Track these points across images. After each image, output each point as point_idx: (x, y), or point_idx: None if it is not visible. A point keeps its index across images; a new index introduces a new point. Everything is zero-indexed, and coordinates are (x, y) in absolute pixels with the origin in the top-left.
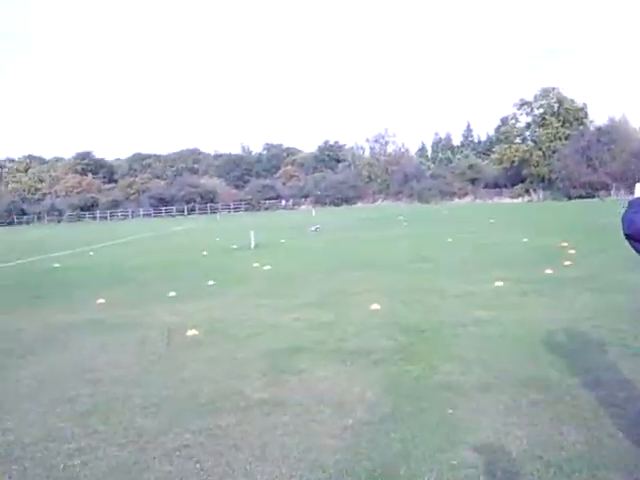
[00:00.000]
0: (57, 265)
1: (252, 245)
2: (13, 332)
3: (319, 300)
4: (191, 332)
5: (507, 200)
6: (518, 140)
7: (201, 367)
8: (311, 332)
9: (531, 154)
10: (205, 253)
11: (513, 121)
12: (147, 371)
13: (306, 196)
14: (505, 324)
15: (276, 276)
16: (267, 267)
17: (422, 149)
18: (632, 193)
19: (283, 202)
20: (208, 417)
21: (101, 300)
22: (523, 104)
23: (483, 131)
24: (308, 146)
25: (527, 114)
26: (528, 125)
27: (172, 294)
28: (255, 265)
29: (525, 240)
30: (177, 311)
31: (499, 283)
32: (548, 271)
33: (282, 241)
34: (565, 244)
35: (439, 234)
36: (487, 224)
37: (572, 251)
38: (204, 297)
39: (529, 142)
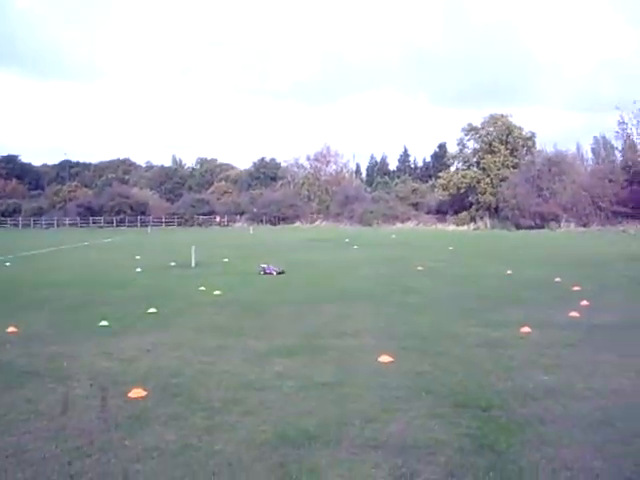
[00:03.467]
0: None
1: (193, 263)
2: None
3: (302, 343)
4: (135, 392)
5: (452, 227)
6: (464, 166)
7: (159, 476)
8: (314, 402)
9: (478, 181)
10: (139, 270)
11: (460, 147)
12: None
13: (241, 213)
14: (593, 398)
15: (232, 305)
16: (217, 292)
17: (357, 171)
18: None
19: (217, 218)
20: None
21: (12, 328)
22: (471, 129)
23: (420, 156)
24: (242, 162)
25: (475, 140)
26: (475, 151)
27: (104, 323)
28: (202, 289)
29: (509, 272)
30: (112, 351)
31: (526, 329)
32: (573, 314)
33: (225, 260)
34: (558, 279)
35: (403, 260)
36: (448, 251)
37: (576, 288)
38: (146, 330)
39: (475, 169)
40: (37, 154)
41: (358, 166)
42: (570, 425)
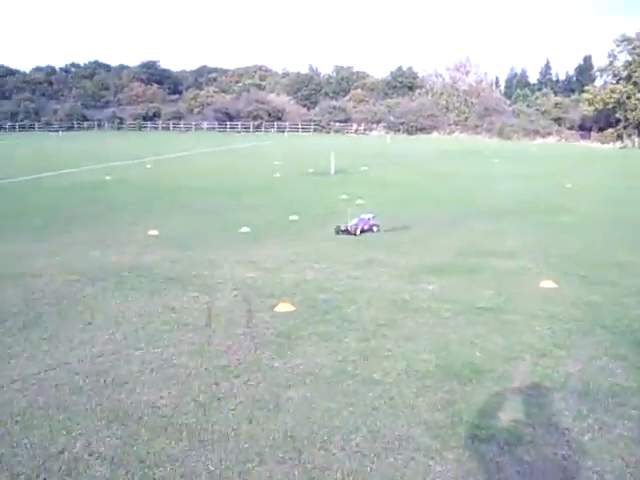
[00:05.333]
0: (108, 178)
1: (332, 171)
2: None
3: (454, 262)
4: (282, 306)
5: (596, 144)
6: (612, 80)
7: (314, 405)
8: (477, 329)
9: (629, 97)
10: (278, 175)
11: (610, 59)
12: (215, 406)
13: (378, 121)
14: None
15: (378, 216)
16: (360, 201)
17: (496, 84)
18: None
19: (354, 126)
20: None
21: (153, 232)
22: (624, 40)
23: (562, 70)
24: (378, 71)
25: (628, 52)
26: (627, 64)
27: (245, 230)
28: (343, 197)
29: None
30: (254, 259)
31: None
32: None
33: (364, 168)
34: None
35: (548, 176)
36: (595, 170)
37: None
38: (289, 239)
39: (625, 83)
40: (175, 60)
41: (497, 78)
42: None
